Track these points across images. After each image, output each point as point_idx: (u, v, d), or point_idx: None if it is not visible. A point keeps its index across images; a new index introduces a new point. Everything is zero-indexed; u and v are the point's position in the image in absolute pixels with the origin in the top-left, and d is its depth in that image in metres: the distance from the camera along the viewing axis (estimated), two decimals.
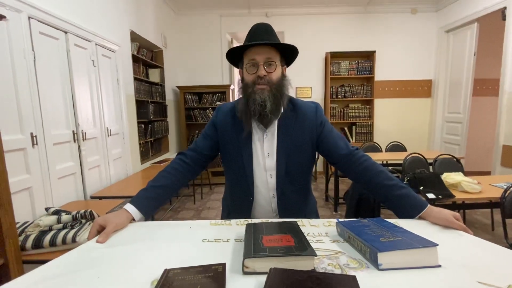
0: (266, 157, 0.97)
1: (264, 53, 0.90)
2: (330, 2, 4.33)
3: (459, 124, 4.08)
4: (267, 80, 0.90)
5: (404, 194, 0.85)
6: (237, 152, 0.97)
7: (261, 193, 0.99)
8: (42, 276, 0.54)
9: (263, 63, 0.90)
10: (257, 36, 0.91)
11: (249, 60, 0.91)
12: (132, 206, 0.83)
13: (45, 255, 1.22)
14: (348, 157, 0.95)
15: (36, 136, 1.70)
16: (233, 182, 1.03)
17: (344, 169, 0.98)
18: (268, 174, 0.97)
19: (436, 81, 4.52)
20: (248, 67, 0.92)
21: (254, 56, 0.90)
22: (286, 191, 0.98)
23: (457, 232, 0.73)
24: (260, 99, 0.89)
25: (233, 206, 1.05)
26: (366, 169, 0.92)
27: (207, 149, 1.01)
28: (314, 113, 0.99)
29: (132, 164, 2.99)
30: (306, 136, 0.97)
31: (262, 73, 0.90)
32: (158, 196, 0.91)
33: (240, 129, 0.96)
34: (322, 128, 0.98)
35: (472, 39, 3.78)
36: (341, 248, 0.66)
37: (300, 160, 0.98)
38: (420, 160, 2.77)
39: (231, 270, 0.55)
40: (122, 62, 2.82)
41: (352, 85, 4.57)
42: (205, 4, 4.31)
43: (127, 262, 0.60)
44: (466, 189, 1.84)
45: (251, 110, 0.90)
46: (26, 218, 1.58)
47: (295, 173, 0.98)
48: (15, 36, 1.58)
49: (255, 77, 0.91)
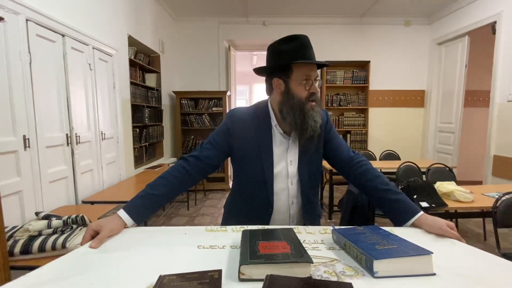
0: (289, 164, 0.98)
1: (315, 71, 0.94)
2: (326, 12, 4.42)
3: (451, 134, 4.15)
4: (317, 97, 0.94)
5: (399, 199, 0.88)
6: (256, 161, 0.96)
7: (280, 201, 0.98)
8: (33, 282, 0.53)
9: (314, 80, 0.93)
10: (309, 51, 0.92)
11: (304, 75, 0.91)
12: (125, 213, 0.81)
13: (33, 261, 1.19)
14: (348, 161, 1.01)
15: (28, 139, 1.67)
16: (249, 190, 1.00)
17: (343, 172, 1.03)
18: (289, 182, 0.98)
19: (429, 92, 4.62)
20: (300, 80, 0.92)
21: (310, 73, 0.92)
22: (310, 196, 1.02)
23: (451, 241, 0.74)
24: (317, 117, 0.92)
25: (250, 215, 0.99)
26: (364, 173, 0.96)
27: (213, 159, 0.97)
28: (325, 120, 1.04)
29: (125, 169, 2.96)
30: (320, 141, 1.02)
31: (317, 90, 0.94)
32: (154, 205, 0.89)
33: (262, 139, 0.96)
34: (329, 133, 1.04)
35: (464, 52, 3.89)
36: (337, 255, 0.66)
37: (318, 166, 1.04)
38: (414, 169, 2.81)
39: (227, 277, 0.54)
40: (119, 66, 2.82)
41: (347, 94, 4.64)
42: (203, 11, 4.36)
43: (121, 268, 0.58)
44: (458, 198, 1.87)
45: (309, 126, 0.91)
46: (15, 223, 1.54)
47: (315, 178, 1.03)
48: (12, 38, 1.57)
49: (308, 94, 0.92)
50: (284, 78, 0.93)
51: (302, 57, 0.90)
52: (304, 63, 0.90)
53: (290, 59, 0.90)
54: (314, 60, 0.92)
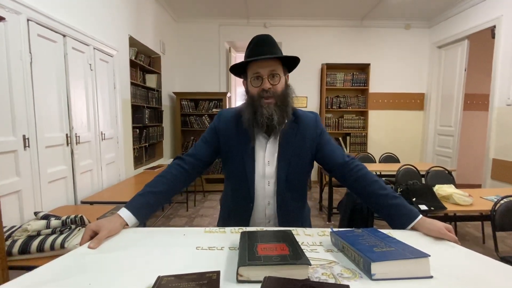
0: (266, 165, 0.99)
1: (268, 66, 0.92)
2: (327, 15, 4.44)
3: (451, 137, 4.16)
4: (272, 92, 0.93)
5: (397, 203, 0.87)
6: (239, 159, 0.99)
7: (258, 200, 1.00)
8: (31, 282, 0.53)
9: (267, 76, 0.92)
10: (259, 49, 0.93)
11: (253, 74, 0.94)
12: (127, 212, 0.82)
13: (32, 261, 1.18)
14: (344, 165, 0.98)
15: (28, 139, 1.67)
16: (234, 188, 1.04)
17: (339, 177, 1.01)
18: (266, 182, 0.99)
19: (429, 95, 4.63)
20: (252, 80, 0.94)
21: (258, 70, 0.92)
22: (286, 198, 0.99)
23: (448, 244, 0.74)
24: (268, 113, 0.91)
25: (234, 210, 1.06)
26: (361, 178, 0.94)
27: (206, 155, 1.01)
28: (314, 123, 1.02)
29: (125, 169, 2.96)
30: (306, 145, 1.00)
31: (267, 86, 0.92)
32: (154, 203, 0.90)
33: (243, 137, 0.98)
34: (320, 137, 1.02)
35: (463, 55, 3.91)
36: (335, 257, 0.66)
37: (300, 168, 1.00)
38: (413, 171, 2.81)
39: (225, 278, 0.54)
40: (120, 67, 2.82)
41: (347, 96, 4.65)
42: (204, 13, 4.38)
43: (120, 269, 0.59)
44: (457, 201, 1.87)
45: (259, 122, 0.92)
46: (14, 222, 1.53)
47: (295, 181, 1.00)
48: (13, 38, 1.57)
49: (260, 90, 0.93)
50: (245, 79, 0.99)
51: (250, 57, 0.93)
52: (254, 62, 0.93)
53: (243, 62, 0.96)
54: (257, 57, 0.90)
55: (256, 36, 0.97)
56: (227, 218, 1.09)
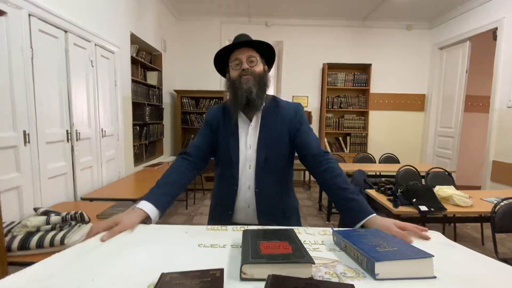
0: (248, 148, 1.04)
1: (246, 52, 1.03)
2: (328, 15, 4.43)
3: (451, 139, 4.16)
4: (250, 71, 1.01)
5: (355, 198, 0.90)
6: (225, 145, 1.06)
7: (241, 182, 1.05)
8: (33, 276, 0.52)
9: (245, 60, 1.02)
10: (237, 40, 1.05)
11: (233, 61, 1.04)
12: (148, 203, 0.84)
13: (31, 257, 1.18)
14: (316, 157, 1.01)
15: (28, 134, 1.66)
16: (221, 173, 1.10)
17: (309, 167, 1.05)
18: (247, 165, 1.04)
19: (429, 96, 4.64)
20: (233, 66, 1.04)
21: (237, 56, 1.02)
22: (265, 181, 1.03)
23: (450, 244, 0.74)
24: (247, 86, 0.99)
25: (221, 195, 1.11)
26: (328, 170, 0.98)
27: (206, 145, 1.08)
28: (294, 111, 1.08)
29: (125, 167, 2.95)
30: (285, 129, 1.05)
31: (245, 66, 1.01)
32: (172, 192, 0.94)
33: (229, 126, 1.06)
34: (300, 125, 1.06)
35: (465, 57, 3.91)
36: (337, 257, 0.66)
37: (279, 152, 1.05)
38: (413, 172, 2.81)
39: (228, 276, 0.54)
40: (121, 64, 2.81)
41: (348, 96, 4.64)
42: (206, 11, 4.36)
43: (123, 265, 0.58)
44: (457, 202, 1.87)
45: (239, 97, 0.99)
46: (14, 218, 1.53)
47: (274, 164, 1.04)
48: (14, 33, 1.56)
49: (239, 71, 1.02)
50: (228, 72, 1.09)
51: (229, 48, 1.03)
52: (233, 53, 1.03)
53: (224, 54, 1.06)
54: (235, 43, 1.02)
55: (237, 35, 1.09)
56: (214, 206, 1.15)
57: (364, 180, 2.79)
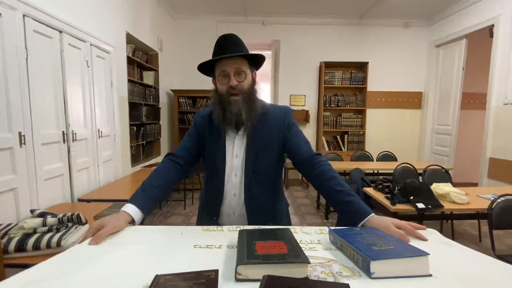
0: (234, 157, 1.03)
1: (234, 64, 0.96)
2: (325, 13, 4.42)
3: (448, 136, 4.18)
4: (239, 89, 0.97)
5: (351, 200, 0.88)
6: (212, 154, 1.05)
7: (226, 191, 1.05)
8: (30, 279, 0.52)
9: (233, 73, 0.96)
10: (225, 48, 0.96)
11: (220, 72, 0.98)
12: (133, 206, 0.84)
13: (28, 259, 1.17)
14: (307, 160, 1.00)
15: (24, 136, 1.65)
16: (208, 181, 1.10)
17: (302, 171, 1.03)
18: (233, 174, 1.03)
19: (426, 94, 4.65)
20: (220, 78, 0.99)
21: (224, 67, 0.96)
22: (254, 191, 1.02)
23: (446, 242, 0.74)
24: (236, 110, 0.96)
25: (207, 201, 1.11)
26: (320, 173, 0.96)
27: (193, 147, 1.08)
28: (283, 116, 1.05)
29: (122, 167, 2.94)
30: (273, 137, 1.03)
31: (233, 83, 0.96)
32: (156, 196, 0.93)
33: (215, 133, 1.04)
34: (289, 130, 1.04)
35: (461, 54, 3.92)
36: (333, 256, 0.66)
37: (268, 160, 1.03)
38: (410, 170, 2.82)
39: (223, 277, 0.54)
40: (117, 64, 2.80)
41: (345, 95, 4.65)
42: (202, 10, 4.34)
43: (118, 267, 0.58)
44: (454, 199, 1.88)
45: (228, 119, 0.97)
46: (10, 220, 1.52)
47: (263, 173, 1.03)
48: (8, 33, 1.55)
49: (227, 88, 0.97)
50: (213, 77, 1.04)
51: (215, 55, 0.97)
52: (220, 61, 0.96)
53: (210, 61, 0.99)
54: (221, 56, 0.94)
55: (222, 36, 0.99)
56: (201, 209, 1.16)
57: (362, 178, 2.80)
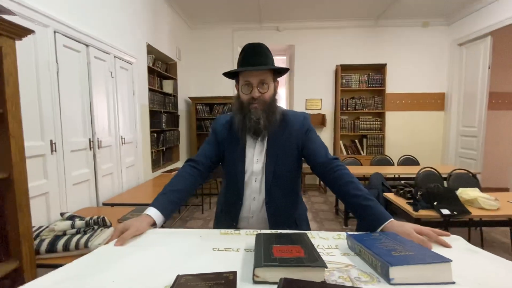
0: (254, 163, 1.05)
1: (258, 75, 0.98)
2: (340, 16, 4.40)
3: (474, 138, 3.97)
4: (260, 100, 0.99)
5: (369, 205, 0.87)
6: (231, 160, 1.07)
7: (245, 196, 1.07)
8: (59, 278, 0.56)
9: (256, 85, 0.98)
10: (250, 58, 0.98)
11: (244, 81, 1.00)
12: (155, 210, 0.87)
13: (58, 260, 1.24)
14: (325, 164, 1.00)
15: (55, 143, 1.77)
16: (227, 186, 1.12)
17: (320, 176, 1.04)
18: (253, 179, 1.05)
19: (449, 94, 4.46)
20: (243, 88, 1.01)
21: (248, 78, 0.98)
22: (275, 195, 1.04)
23: (472, 249, 0.71)
24: (255, 117, 0.99)
25: (226, 206, 1.13)
26: (338, 177, 0.96)
27: (212, 154, 1.10)
28: (301, 122, 1.07)
29: (143, 172, 3.05)
30: (293, 142, 1.05)
31: (256, 95, 0.98)
32: (177, 200, 0.96)
33: (235, 140, 1.06)
34: (306, 135, 1.06)
35: (486, 52, 3.74)
36: (351, 261, 0.65)
37: (288, 165, 1.05)
38: (434, 174, 2.71)
39: (241, 279, 0.55)
40: (138, 74, 2.93)
41: (363, 98, 4.56)
42: (218, 19, 4.46)
43: (141, 267, 0.61)
44: (482, 205, 1.78)
45: (247, 127, 1.00)
46: (42, 223, 1.63)
47: (283, 177, 1.05)
48: (41, 49, 1.68)
49: (249, 98, 1.00)
50: (237, 84, 1.06)
51: (241, 65, 0.99)
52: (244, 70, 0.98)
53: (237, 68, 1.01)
54: (247, 68, 0.97)
55: (248, 45, 1.01)
56: (219, 214, 1.17)
57: (382, 183, 2.72)
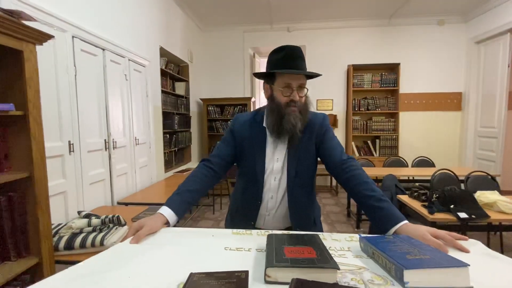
0: (275, 161, 1.06)
1: (298, 79, 0.99)
2: (352, 16, 4.34)
3: (494, 139, 3.82)
4: (299, 104, 1.00)
5: (382, 206, 0.86)
6: (251, 159, 1.07)
7: (264, 194, 1.07)
8: (77, 273, 0.58)
9: (296, 88, 0.99)
10: (292, 62, 0.97)
11: (285, 83, 0.99)
12: (168, 209, 0.89)
13: (75, 256, 1.29)
14: (339, 164, 1.01)
15: (73, 144, 1.83)
16: (244, 186, 1.11)
17: (335, 175, 1.04)
18: (273, 177, 1.06)
19: (467, 94, 4.31)
20: (284, 90, 1.00)
21: (290, 81, 0.98)
22: (295, 193, 1.06)
23: (491, 254, 0.69)
24: (294, 121, 0.99)
25: (242, 206, 1.13)
26: (352, 177, 0.96)
27: (228, 154, 1.10)
28: (321, 122, 1.08)
29: (156, 173, 3.11)
30: (312, 142, 1.07)
31: (296, 98, 0.99)
32: (191, 200, 0.99)
33: (256, 138, 1.07)
34: (324, 135, 1.07)
35: (506, 50, 3.59)
36: (364, 263, 0.64)
37: (308, 164, 1.07)
38: (450, 176, 2.62)
39: (253, 278, 0.55)
40: (151, 76, 3.00)
41: (375, 98, 4.48)
42: (229, 21, 4.50)
43: (156, 265, 0.63)
44: (502, 209, 1.71)
45: (283, 128, 1.00)
46: (60, 220, 1.69)
47: (304, 176, 1.06)
48: (60, 53, 1.75)
49: (289, 100, 0.99)
50: (270, 84, 1.04)
51: (283, 67, 0.98)
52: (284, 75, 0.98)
53: (274, 68, 1.00)
54: (294, 71, 0.97)
55: (289, 48, 0.99)
56: (235, 213, 1.17)
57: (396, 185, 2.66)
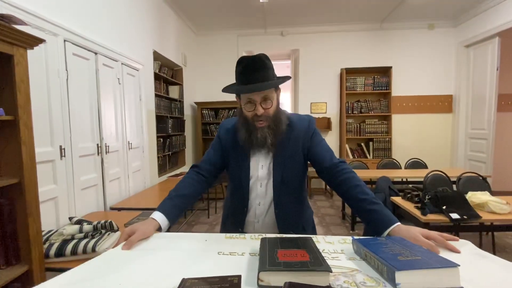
0: (260, 168, 1.04)
1: (260, 92, 0.93)
2: (344, 20, 4.40)
3: (484, 141, 3.90)
4: (265, 117, 0.96)
5: (374, 209, 0.86)
6: (236, 167, 1.06)
7: (251, 201, 1.06)
8: (69, 280, 0.57)
9: (260, 101, 0.94)
10: (251, 75, 0.90)
11: (246, 100, 0.95)
12: (160, 214, 0.88)
13: (66, 264, 1.26)
14: (330, 168, 0.99)
15: (64, 149, 1.80)
16: (232, 192, 1.12)
17: (326, 180, 1.02)
18: (258, 184, 1.05)
19: (457, 96, 4.40)
20: (245, 105, 0.97)
21: (251, 97, 0.94)
22: (282, 199, 1.03)
23: (481, 254, 0.70)
24: (262, 137, 0.97)
25: (232, 212, 1.14)
26: (344, 181, 0.95)
27: (216, 161, 1.10)
28: (306, 126, 1.05)
29: (150, 177, 3.08)
30: (299, 147, 1.04)
31: (260, 112, 0.94)
32: (182, 205, 0.97)
33: (239, 146, 1.04)
34: (311, 139, 1.05)
35: (494, 54, 3.69)
36: (357, 266, 0.65)
37: (295, 169, 1.04)
38: (442, 178, 2.66)
39: (246, 283, 0.55)
40: (145, 80, 2.98)
41: (368, 101, 4.53)
42: (223, 25, 4.52)
43: (148, 271, 0.62)
44: (493, 209, 1.74)
45: (253, 141, 0.98)
46: (51, 227, 1.65)
47: (291, 182, 1.04)
48: (51, 57, 1.73)
49: (253, 114, 0.96)
50: (238, 98, 1.02)
51: (240, 83, 0.94)
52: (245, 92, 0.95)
53: (236, 82, 0.97)
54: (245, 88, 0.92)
55: (245, 59, 0.93)
56: (226, 219, 1.17)
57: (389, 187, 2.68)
